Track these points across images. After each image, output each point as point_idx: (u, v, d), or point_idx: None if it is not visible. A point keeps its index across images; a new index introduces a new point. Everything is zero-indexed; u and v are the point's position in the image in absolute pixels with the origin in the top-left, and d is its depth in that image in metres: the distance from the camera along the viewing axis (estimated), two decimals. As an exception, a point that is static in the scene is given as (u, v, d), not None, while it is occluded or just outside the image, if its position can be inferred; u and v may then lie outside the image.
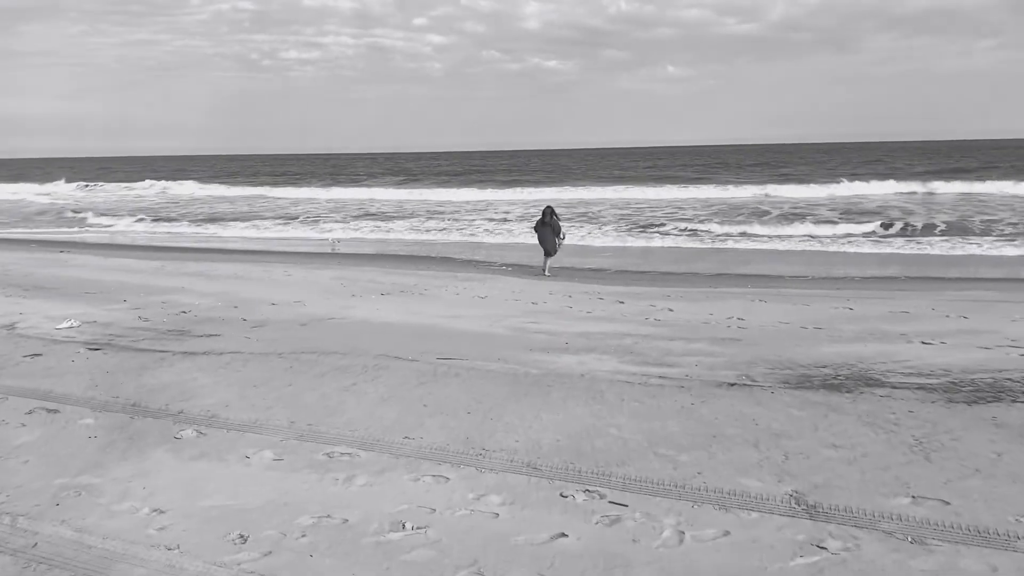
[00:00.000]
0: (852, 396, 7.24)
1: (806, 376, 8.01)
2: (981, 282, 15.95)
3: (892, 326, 10.90)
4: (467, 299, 13.74)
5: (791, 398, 7.20)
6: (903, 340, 9.87)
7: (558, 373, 8.10)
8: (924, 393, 7.33)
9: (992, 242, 22.14)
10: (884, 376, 7.97)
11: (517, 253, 21.97)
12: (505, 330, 10.70)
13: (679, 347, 9.54)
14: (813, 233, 24.67)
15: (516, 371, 8.18)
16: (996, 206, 31.41)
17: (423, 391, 7.46)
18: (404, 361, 8.60)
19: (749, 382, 7.79)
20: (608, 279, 16.99)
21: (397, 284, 15.51)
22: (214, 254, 21.52)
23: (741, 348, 9.46)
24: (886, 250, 21.55)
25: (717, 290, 15.05)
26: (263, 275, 16.53)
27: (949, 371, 8.17)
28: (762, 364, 8.58)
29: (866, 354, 9.04)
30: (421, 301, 13.42)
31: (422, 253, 22.20)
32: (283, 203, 44.49)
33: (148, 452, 6.02)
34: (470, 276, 17.03)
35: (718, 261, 19.98)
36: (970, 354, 9.03)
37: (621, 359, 8.86)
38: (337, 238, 25.79)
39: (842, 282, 16.13)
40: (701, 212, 32.72)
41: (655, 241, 24.45)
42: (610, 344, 9.68)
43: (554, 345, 9.66)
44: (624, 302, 13.41)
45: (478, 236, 26.55)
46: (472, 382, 7.77)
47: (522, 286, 15.65)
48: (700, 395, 7.33)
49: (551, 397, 7.27)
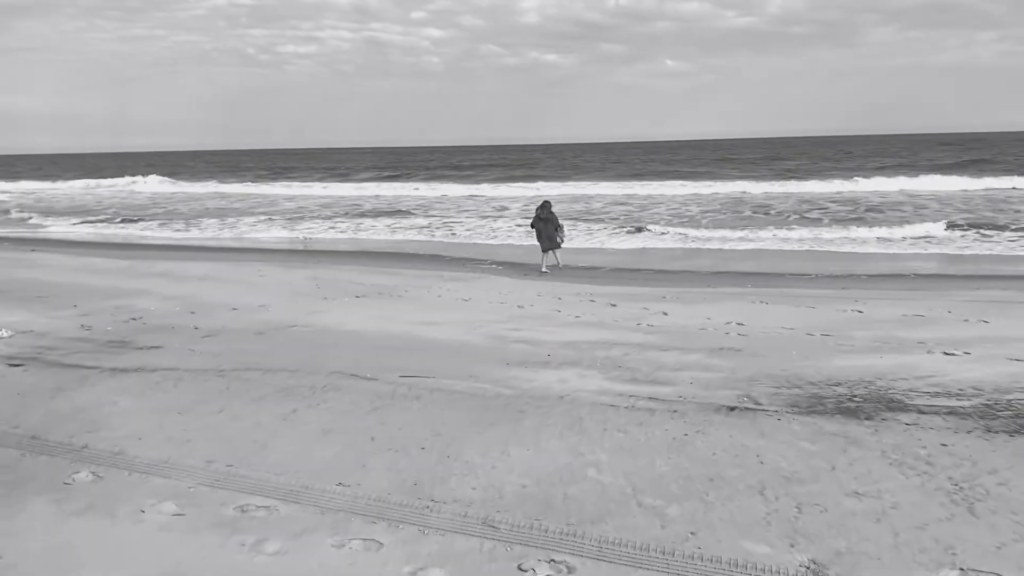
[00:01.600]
0: (873, 424, 6.09)
1: (817, 397, 6.86)
2: (993, 280, 14.79)
3: (908, 332, 9.75)
4: (449, 302, 12.61)
5: (801, 427, 6.06)
6: (922, 350, 8.72)
7: (534, 395, 6.96)
8: (956, 420, 6.18)
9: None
10: (907, 397, 6.82)
11: (510, 250, 20.83)
12: (483, 339, 9.56)
13: (673, 359, 8.39)
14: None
15: (486, 392, 7.04)
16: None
17: (374, 420, 6.32)
18: (360, 380, 7.46)
19: (752, 405, 6.64)
20: (602, 278, 15.85)
21: (376, 285, 14.37)
22: (192, 252, 20.41)
23: (742, 360, 8.31)
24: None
25: (715, 290, 13.90)
26: (234, 276, 15.40)
27: (981, 390, 7.02)
28: (766, 381, 7.44)
29: (883, 368, 7.88)
30: (398, 305, 12.28)
31: (410, 251, 21.06)
32: (272, 198, 43.35)
33: (25, 503, 4.89)
34: (457, 276, 15.89)
35: (717, 258, 18.82)
36: (1000, 367, 7.88)
37: (607, 375, 7.72)
38: (308, 236, 24.59)
39: (847, 281, 14.97)
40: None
41: (653, 240, 23.29)
42: (596, 356, 8.54)
43: (534, 357, 8.52)
44: (616, 305, 12.26)
45: (472, 232, 25.39)
46: (434, 407, 6.63)
47: (510, 287, 14.52)
48: (695, 423, 6.18)
49: (523, 426, 6.14)
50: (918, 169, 46.33)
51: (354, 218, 30.87)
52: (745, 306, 12.06)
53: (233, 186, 54.21)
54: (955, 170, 43.39)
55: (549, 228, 17.21)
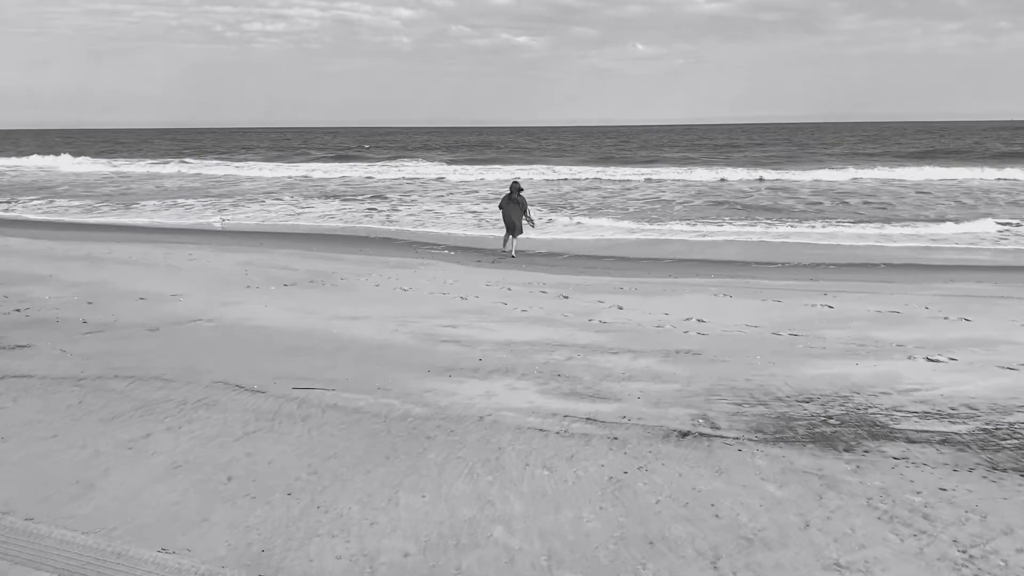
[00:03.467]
0: (854, 458, 4.86)
1: (786, 419, 5.62)
2: (967, 271, 13.73)
3: (884, 332, 8.58)
4: (385, 292, 11.23)
5: (767, 461, 4.81)
6: (902, 355, 7.54)
7: (449, 415, 5.63)
8: (954, 452, 4.97)
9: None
10: (892, 419, 5.61)
11: (468, 235, 19.45)
12: (410, 337, 8.22)
13: (622, 365, 7.12)
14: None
15: (392, 411, 5.71)
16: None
17: (242, 450, 4.96)
18: (244, 393, 6.09)
19: (708, 430, 5.38)
20: (560, 266, 14.56)
21: (312, 271, 12.94)
22: (129, 233, 18.76)
23: (700, 367, 7.06)
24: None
25: (677, 280, 12.68)
26: (161, 259, 13.86)
27: (975, 410, 5.83)
28: (726, 395, 6.19)
29: (861, 378, 6.68)
30: (327, 295, 10.88)
31: (362, 233, 19.58)
32: (234, 179, 41.43)
33: None
34: (404, 261, 14.49)
35: (684, 246, 17.60)
36: (992, 379, 6.71)
37: (543, 386, 6.42)
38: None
39: (815, 271, 13.83)
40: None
41: (618, 226, 22.01)
42: (535, 361, 7.24)
43: (464, 362, 7.19)
44: (569, 297, 10.98)
45: (431, 215, 23.92)
46: (322, 432, 5.29)
47: (459, 275, 13.16)
48: (638, 455, 4.91)
49: (425, 460, 4.82)
50: (912, 159, 44.04)
51: (311, 199, 29.23)
52: (707, 299, 10.85)
53: (192, 166, 51.95)
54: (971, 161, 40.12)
55: (516, 211, 15.97)
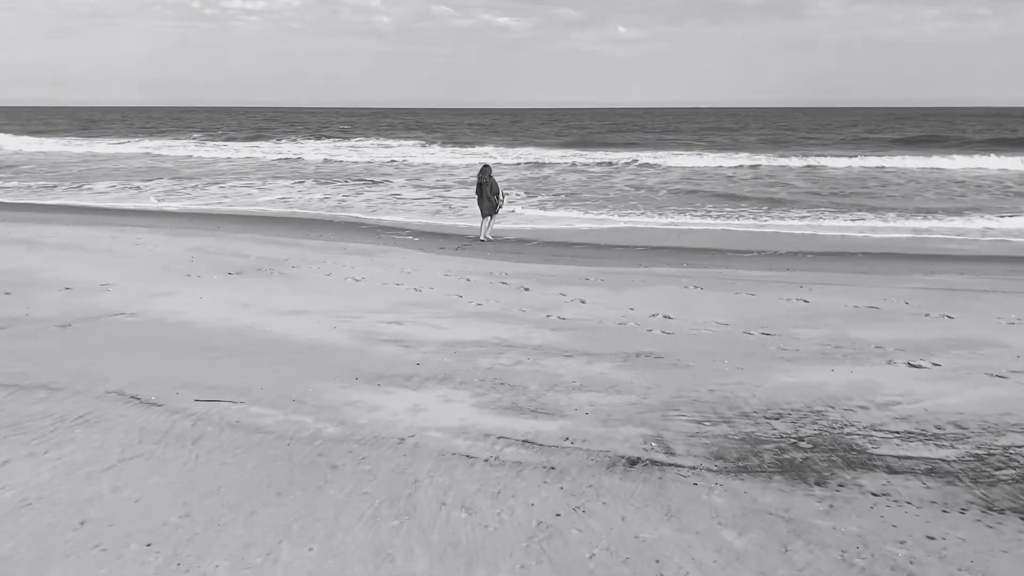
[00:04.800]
0: (827, 495, 4.10)
1: (751, 441, 4.85)
2: (949, 262, 13.05)
3: (861, 331, 7.85)
4: (335, 282, 10.37)
5: (726, 499, 4.04)
6: (881, 358, 6.80)
7: (365, 436, 4.82)
8: (942, 486, 4.23)
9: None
10: (870, 441, 4.86)
11: (437, 219, 18.57)
12: (347, 336, 7.38)
13: (574, 371, 6.33)
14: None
15: (301, 431, 4.88)
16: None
17: (108, 483, 4.13)
18: (138, 407, 5.24)
19: (662, 456, 4.61)
20: (527, 254, 13.75)
21: (264, 258, 12.05)
22: (80, 214, 17.72)
23: (660, 374, 6.28)
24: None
25: (647, 271, 11.91)
26: (105, 244, 12.91)
27: (964, 428, 5.09)
28: (686, 410, 5.41)
29: (836, 388, 5.93)
30: (272, 285, 10.01)
31: (328, 217, 18.64)
32: (208, 160, 40.16)
33: None
34: (364, 248, 13.63)
35: (657, 232, 16.81)
36: (980, 389, 5.98)
37: (481, 398, 5.62)
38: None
39: (792, 260, 13.11)
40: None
41: (596, 213, 21.20)
42: (479, 367, 6.43)
43: (399, 366, 6.37)
44: (530, 289, 10.18)
45: (403, 198, 23.00)
46: (211, 458, 4.46)
47: (419, 263, 12.33)
48: (576, 490, 4.12)
49: (324, 498, 4.01)
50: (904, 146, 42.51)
51: (282, 180, 28.17)
52: (677, 292, 10.09)
53: (167, 146, 50.44)
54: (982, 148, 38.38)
55: (488, 193, 15.32)
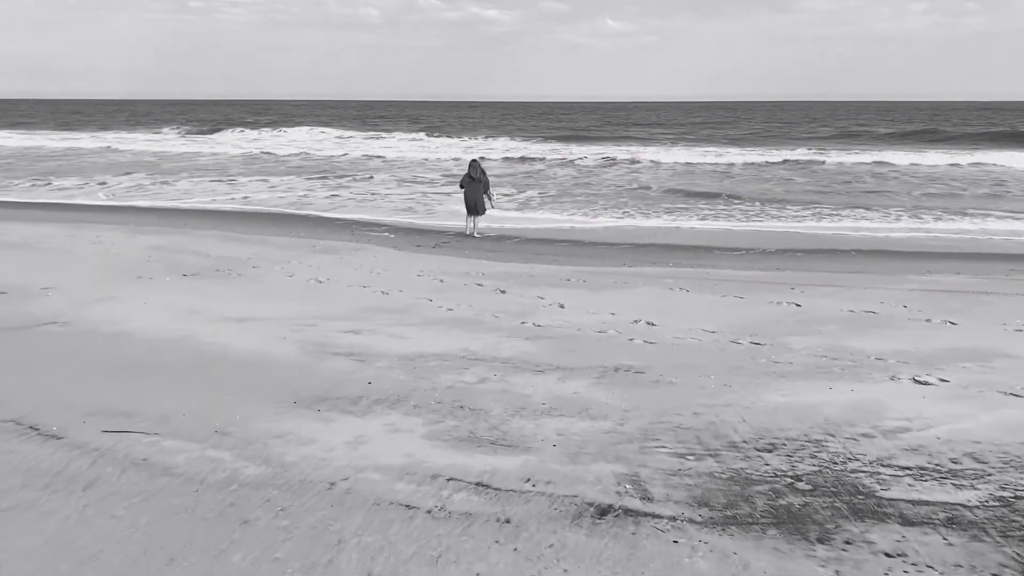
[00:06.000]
0: (831, 555, 3.39)
1: (742, 482, 4.14)
2: (942, 260, 12.39)
3: (860, 340, 7.17)
4: (297, 284, 9.60)
5: (711, 565, 3.32)
6: (884, 373, 6.11)
7: (291, 479, 4.06)
8: (965, 541, 3.52)
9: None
10: (878, 480, 4.15)
11: (416, 215, 17.77)
12: (296, 349, 6.62)
13: (543, 391, 5.60)
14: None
15: (214, 472, 4.13)
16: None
17: (-37, 548, 3.36)
18: (33, 440, 4.47)
19: (638, 502, 3.88)
20: (507, 252, 13.00)
21: (225, 257, 11.26)
22: (41, 211, 16.84)
23: (640, 393, 5.56)
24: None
25: (632, 270, 11.19)
26: (59, 243, 12.08)
27: (983, 461, 4.40)
28: (667, 439, 4.70)
29: (836, 411, 5.23)
30: (227, 288, 9.23)
31: (302, 212, 17.82)
32: (189, 155, 39.16)
33: None
34: (334, 245, 12.84)
35: (644, 229, 16.09)
36: (995, 410, 5.30)
37: (434, 426, 4.88)
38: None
39: (782, 258, 12.43)
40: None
41: (583, 209, 20.46)
42: (438, 385, 5.69)
43: (346, 386, 5.62)
44: (507, 291, 9.45)
45: (384, 192, 22.18)
46: (101, 509, 3.70)
47: (392, 261, 11.57)
48: (534, 552, 3.40)
49: (222, 568, 3.26)
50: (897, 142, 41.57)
51: (265, 175, 27.29)
52: (662, 295, 9.38)
53: (150, 140, 49.36)
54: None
55: (478, 190, 14.52)
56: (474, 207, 14.48)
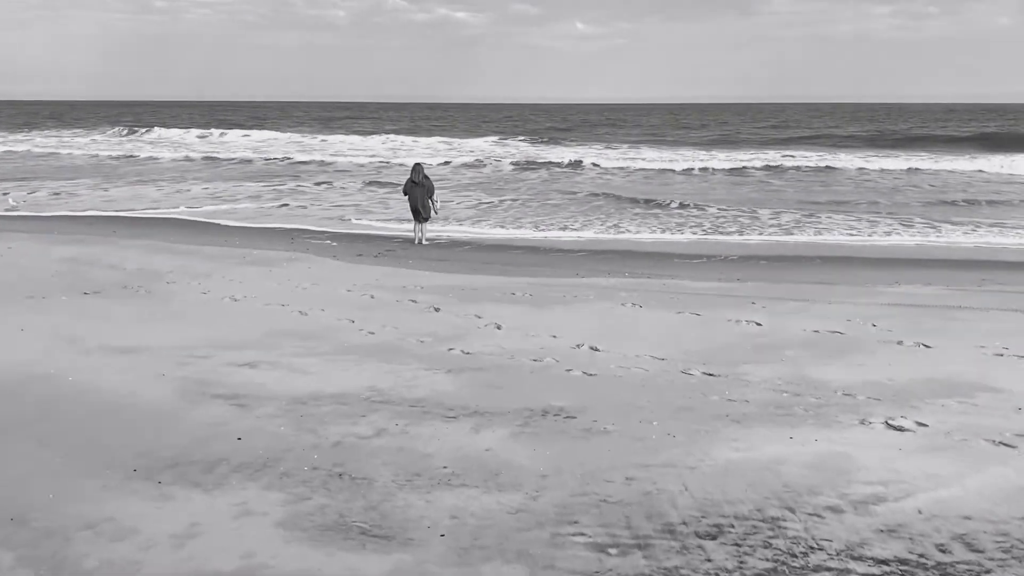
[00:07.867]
0: None
1: (674, 590, 3.13)
2: (911, 268, 11.55)
3: (825, 369, 6.23)
4: (209, 303, 8.47)
5: None
6: (853, 415, 5.16)
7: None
8: None
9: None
10: (849, 586, 3.16)
11: (363, 221, 16.63)
12: (172, 389, 5.51)
13: (449, 448, 4.55)
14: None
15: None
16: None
17: None
18: None
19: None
20: (455, 260, 11.95)
21: (142, 271, 10.08)
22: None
23: (565, 449, 4.54)
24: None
25: (583, 281, 10.21)
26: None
27: (978, 550, 3.44)
28: (588, 523, 3.67)
29: (796, 471, 4.25)
30: (125, 309, 8.07)
31: (244, 219, 16.53)
32: (138, 157, 37.50)
33: None
34: (268, 256, 11.69)
35: (603, 235, 15.09)
36: (985, 468, 4.36)
37: (296, 507, 3.81)
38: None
39: (744, 267, 11.53)
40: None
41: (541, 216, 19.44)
42: (323, 441, 4.62)
43: (209, 445, 4.53)
44: (441, 308, 8.39)
45: (335, 198, 20.97)
46: None
47: (325, 273, 10.47)
48: None
49: None
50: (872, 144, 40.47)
51: (218, 181, 25.93)
52: (612, 311, 8.39)
53: (108, 142, 47.50)
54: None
55: (422, 195, 13.43)
56: (417, 213, 13.41)
